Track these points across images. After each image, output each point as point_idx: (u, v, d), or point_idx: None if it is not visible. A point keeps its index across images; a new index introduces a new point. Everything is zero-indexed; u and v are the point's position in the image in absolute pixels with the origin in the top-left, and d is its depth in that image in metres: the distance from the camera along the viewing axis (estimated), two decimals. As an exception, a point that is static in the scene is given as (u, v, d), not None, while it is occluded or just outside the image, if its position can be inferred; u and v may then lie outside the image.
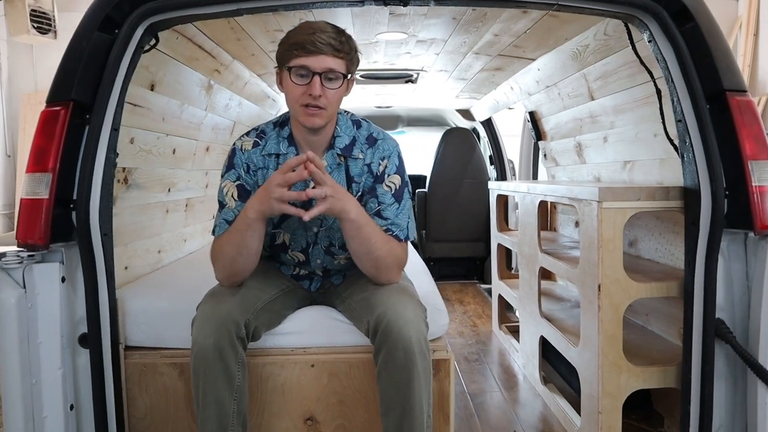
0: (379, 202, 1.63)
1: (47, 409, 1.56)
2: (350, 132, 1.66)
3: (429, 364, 1.51)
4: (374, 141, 1.66)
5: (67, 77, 1.58)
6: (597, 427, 1.89)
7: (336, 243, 1.70)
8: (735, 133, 1.56)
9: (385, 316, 1.47)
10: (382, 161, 1.64)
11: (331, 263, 1.76)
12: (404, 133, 5.80)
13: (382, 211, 1.63)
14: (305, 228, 1.69)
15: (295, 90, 1.51)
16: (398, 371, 1.45)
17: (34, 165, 1.57)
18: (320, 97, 1.50)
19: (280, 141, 1.64)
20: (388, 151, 1.65)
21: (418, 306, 1.55)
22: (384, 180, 1.64)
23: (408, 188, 1.68)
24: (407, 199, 1.67)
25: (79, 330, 1.62)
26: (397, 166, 1.66)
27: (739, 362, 1.62)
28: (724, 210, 1.59)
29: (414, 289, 1.70)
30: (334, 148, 1.63)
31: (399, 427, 1.47)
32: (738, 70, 1.61)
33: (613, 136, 2.52)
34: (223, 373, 1.48)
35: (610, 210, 1.83)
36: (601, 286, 1.85)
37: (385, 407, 1.50)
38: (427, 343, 1.51)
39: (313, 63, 1.48)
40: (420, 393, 1.47)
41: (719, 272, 1.61)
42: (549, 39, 2.37)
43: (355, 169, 1.65)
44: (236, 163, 1.64)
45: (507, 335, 3.21)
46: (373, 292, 1.60)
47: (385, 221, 1.62)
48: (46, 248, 1.55)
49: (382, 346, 1.48)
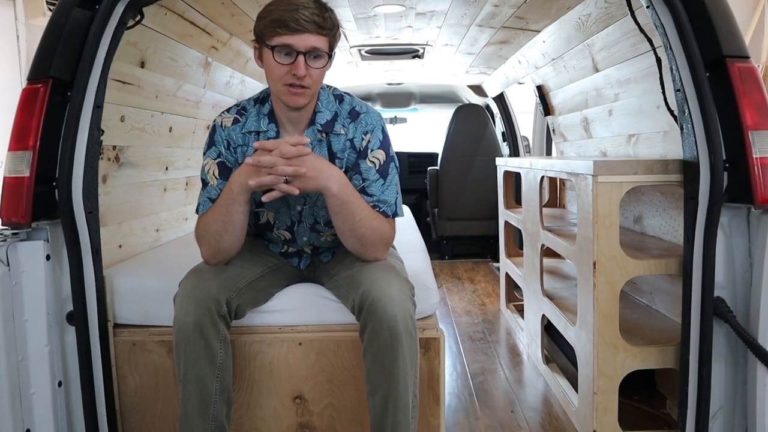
0: (363, 179, 1.59)
1: (35, 386, 1.58)
2: (332, 107, 1.61)
3: (415, 343, 1.48)
4: (357, 115, 1.61)
5: (46, 54, 1.57)
6: (592, 408, 1.85)
7: (321, 220, 1.67)
8: (735, 102, 1.48)
9: (369, 294, 1.45)
10: (365, 136, 1.60)
11: (318, 240, 1.73)
12: (417, 110, 5.73)
13: (366, 188, 1.58)
14: (288, 207, 1.66)
15: (278, 69, 1.46)
16: (383, 350, 1.43)
17: (15, 143, 1.56)
18: (305, 77, 1.45)
19: (261, 118, 1.61)
20: (371, 125, 1.60)
21: (404, 283, 1.52)
22: (367, 155, 1.59)
23: (395, 163, 1.63)
24: (394, 175, 1.62)
25: (66, 307, 1.63)
26: (381, 141, 1.60)
27: (740, 343, 1.55)
28: (724, 183, 1.51)
29: (402, 267, 1.66)
30: (315, 124, 1.59)
31: (384, 406, 1.45)
32: (740, 35, 1.52)
33: (618, 109, 2.43)
34: (204, 351, 1.48)
35: (605, 184, 1.76)
36: (597, 263, 1.79)
37: (371, 386, 1.48)
38: (414, 321, 1.48)
39: (297, 42, 1.43)
40: (405, 372, 1.44)
41: (720, 249, 1.55)
42: (551, 8, 2.29)
43: (338, 145, 1.61)
44: (216, 141, 1.61)
45: (514, 314, 3.17)
46: (359, 270, 1.57)
47: (371, 198, 1.58)
48: (28, 226, 1.56)
49: (367, 324, 1.46)
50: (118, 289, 1.78)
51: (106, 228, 1.92)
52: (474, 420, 2.11)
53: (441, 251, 4.98)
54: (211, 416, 1.50)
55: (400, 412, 1.45)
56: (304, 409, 1.74)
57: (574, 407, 2.05)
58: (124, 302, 1.78)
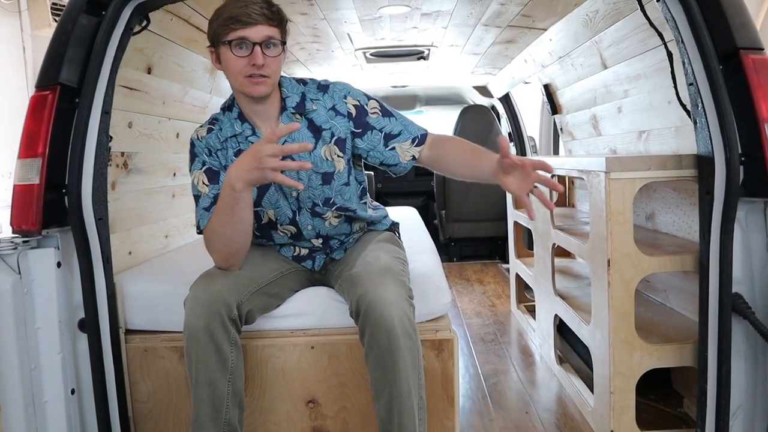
0: (380, 130, 1.66)
1: (48, 394, 1.57)
2: (297, 90, 1.66)
3: (416, 345, 1.46)
4: (325, 87, 1.68)
5: (54, 61, 1.56)
6: (609, 408, 1.83)
7: (319, 201, 1.68)
8: (750, 95, 1.46)
9: (365, 298, 1.44)
10: (346, 98, 1.66)
11: (322, 226, 1.72)
12: (422, 112, 5.71)
13: (390, 133, 1.66)
14: (286, 197, 1.67)
15: (237, 63, 1.51)
16: (383, 354, 1.42)
17: (24, 150, 1.56)
18: (263, 65, 1.50)
19: (233, 122, 1.64)
20: (345, 89, 1.68)
21: (400, 285, 1.49)
22: (367, 112, 1.67)
23: (385, 104, 1.72)
24: (393, 110, 1.72)
25: (78, 315, 1.62)
26: (363, 96, 1.69)
27: (759, 339, 1.52)
28: (740, 177, 1.49)
29: (402, 268, 1.62)
30: (287, 109, 1.63)
31: (389, 410, 1.43)
32: (753, 27, 1.50)
33: (627, 105, 2.41)
34: (216, 355, 1.46)
35: (618, 181, 1.74)
36: (611, 261, 1.77)
37: (375, 391, 1.47)
38: (413, 323, 1.46)
39: (252, 33, 1.48)
40: (407, 375, 1.43)
41: (737, 244, 1.52)
42: (557, 5, 2.27)
43: (320, 118, 1.65)
44: (197, 152, 1.65)
45: (525, 315, 3.14)
46: (357, 272, 1.55)
47: (399, 136, 1.66)
48: (39, 234, 1.55)
49: (365, 329, 1.45)
50: (128, 295, 1.77)
51: (116, 234, 1.91)
52: (489, 422, 2.09)
53: (449, 253, 4.96)
54: (223, 420, 1.49)
55: (405, 415, 1.44)
56: (318, 413, 1.73)
57: (590, 407, 2.02)
58: (135, 308, 1.77)
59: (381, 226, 1.87)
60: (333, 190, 1.67)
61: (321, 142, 1.64)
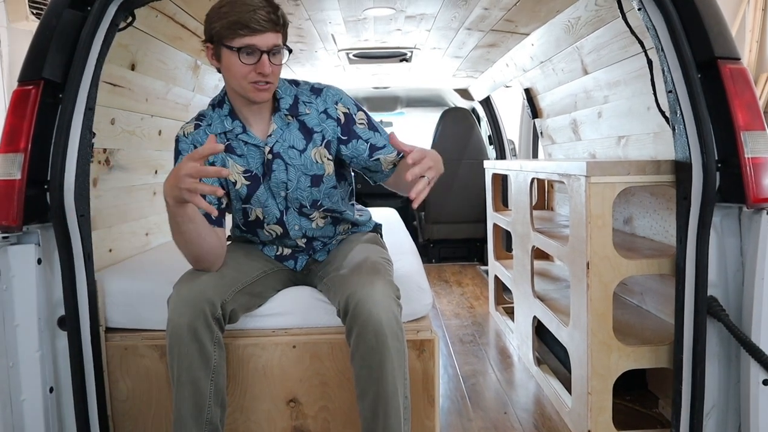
0: (366, 140, 1.68)
1: (26, 392, 1.55)
2: (290, 92, 1.67)
3: (402, 345, 1.47)
4: (319, 90, 1.69)
5: (37, 56, 1.54)
6: (587, 408, 1.86)
7: (306, 203, 1.68)
8: (727, 103, 1.50)
9: (354, 297, 1.45)
10: (337, 105, 1.67)
11: (309, 227, 1.72)
12: (403, 114, 5.74)
13: (374, 144, 1.68)
14: (273, 196, 1.67)
15: (242, 69, 1.50)
16: (370, 353, 1.43)
17: (6, 145, 1.54)
18: (270, 74, 1.51)
19: (223, 119, 1.63)
20: (337, 95, 1.69)
21: (388, 285, 1.50)
22: (356, 121, 1.68)
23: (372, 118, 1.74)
24: (379, 125, 1.73)
25: (57, 312, 1.60)
26: (354, 105, 1.70)
27: (732, 341, 1.57)
28: (716, 183, 1.53)
29: (388, 268, 1.65)
30: (281, 110, 1.64)
31: (374, 410, 1.44)
32: (730, 37, 1.54)
33: (607, 111, 2.46)
34: (198, 354, 1.46)
35: (598, 185, 1.78)
36: (590, 263, 1.80)
37: (360, 390, 1.47)
38: (400, 323, 1.48)
39: (260, 42, 1.48)
40: (394, 375, 1.44)
41: (712, 248, 1.56)
42: (540, 11, 2.31)
43: (312, 120, 1.66)
44: (182, 149, 1.63)
45: (503, 316, 3.18)
46: (345, 272, 1.57)
47: (384, 149, 1.68)
48: (19, 230, 1.53)
49: (352, 328, 1.45)
50: (109, 293, 1.75)
51: (96, 232, 1.89)
52: (467, 421, 2.11)
53: (428, 255, 4.98)
54: (205, 420, 1.48)
55: (391, 415, 1.44)
56: (299, 413, 1.73)
57: (568, 408, 2.06)
58: (116, 306, 1.76)
59: (365, 228, 1.88)
60: (321, 192, 1.67)
61: (311, 144, 1.65)
